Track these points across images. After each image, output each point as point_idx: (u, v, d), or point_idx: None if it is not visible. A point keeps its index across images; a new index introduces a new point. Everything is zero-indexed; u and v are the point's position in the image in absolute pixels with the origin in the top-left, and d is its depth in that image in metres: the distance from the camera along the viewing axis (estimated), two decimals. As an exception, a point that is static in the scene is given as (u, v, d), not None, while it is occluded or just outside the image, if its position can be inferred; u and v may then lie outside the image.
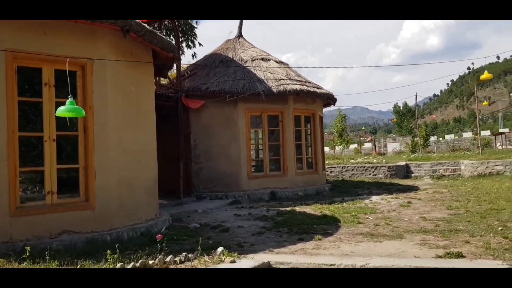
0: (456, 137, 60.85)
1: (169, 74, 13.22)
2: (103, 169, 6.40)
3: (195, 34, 20.40)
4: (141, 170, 7.34)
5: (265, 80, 12.76)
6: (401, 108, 73.15)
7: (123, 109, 6.94)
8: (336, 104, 15.70)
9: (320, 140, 14.70)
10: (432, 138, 51.21)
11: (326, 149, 57.46)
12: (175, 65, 12.20)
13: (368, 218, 8.25)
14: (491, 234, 6.14)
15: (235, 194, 12.19)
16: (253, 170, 12.93)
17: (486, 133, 55.48)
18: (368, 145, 57.77)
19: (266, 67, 13.50)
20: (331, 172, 19.31)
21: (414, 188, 14.50)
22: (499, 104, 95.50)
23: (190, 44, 20.91)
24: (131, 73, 7.21)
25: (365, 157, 33.70)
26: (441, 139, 59.41)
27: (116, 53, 6.76)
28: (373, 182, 17.07)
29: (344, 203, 10.87)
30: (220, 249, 5.27)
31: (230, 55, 13.89)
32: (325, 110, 16.21)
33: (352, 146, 58.53)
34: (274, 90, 12.45)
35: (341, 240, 6.29)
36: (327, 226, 7.45)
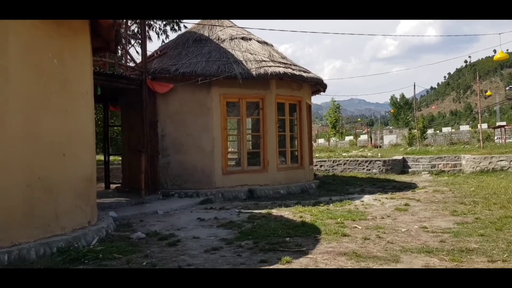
0: (453, 130, 59.60)
1: (134, 54, 11.61)
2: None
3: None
4: (67, 167, 5.73)
5: (243, 62, 11.12)
6: (398, 100, 71.91)
7: (38, 87, 5.31)
8: (333, 95, 14.14)
9: (308, 131, 13.12)
10: (429, 131, 49.79)
11: (321, 140, 56.26)
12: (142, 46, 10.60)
13: (356, 227, 6.69)
14: (517, 258, 4.60)
15: (208, 191, 10.62)
16: (228, 164, 11.34)
17: (483, 126, 54.12)
18: (364, 137, 56.35)
19: (247, 47, 11.86)
20: (321, 166, 17.75)
21: (411, 186, 12.97)
22: (497, 97, 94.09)
23: (176, 27, 19.31)
24: (54, 43, 5.58)
25: (360, 150, 32.18)
26: (438, 131, 58.08)
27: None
28: (366, 178, 15.54)
29: (331, 204, 9.33)
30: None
31: (206, 34, 12.23)
32: (321, 101, 14.71)
33: (348, 138, 57.15)
34: (254, 72, 10.82)
35: (316, 263, 4.73)
36: (303, 239, 5.89)
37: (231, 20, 13.27)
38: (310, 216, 7.77)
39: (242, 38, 12.21)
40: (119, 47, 10.03)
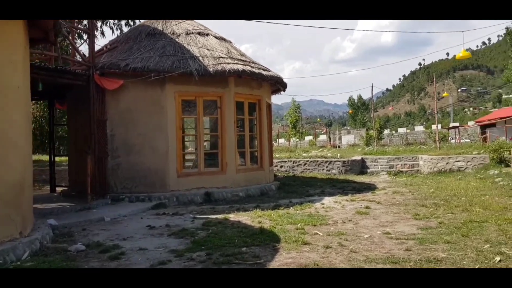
0: (409, 131, 61.19)
1: (81, 48, 10.79)
2: None
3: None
4: (-9, 171, 4.99)
5: (200, 58, 10.55)
6: (355, 101, 73.13)
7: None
8: (293, 95, 13.84)
9: (268, 131, 12.70)
10: (386, 131, 50.75)
11: (281, 140, 56.20)
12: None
13: (317, 233, 6.30)
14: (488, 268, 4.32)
15: (161, 195, 9.98)
16: (184, 166, 10.72)
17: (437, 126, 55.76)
18: (323, 137, 56.76)
19: (203, 43, 11.29)
20: (281, 167, 17.40)
21: (371, 187, 12.82)
22: (450, 99, 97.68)
23: (131, 22, 18.43)
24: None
25: (320, 150, 32.19)
26: (393, 132, 59.46)
27: None
28: (326, 179, 15.31)
29: (291, 207, 8.95)
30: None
31: (160, 27, 11.55)
32: (282, 101, 14.34)
33: (308, 138, 57.44)
34: (211, 69, 10.27)
35: (275, 278, 4.26)
36: (261, 249, 5.42)
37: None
38: (270, 221, 7.32)
39: (199, 33, 11.63)
40: (64, 40, 9.21)
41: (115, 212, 8.62)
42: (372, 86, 29.04)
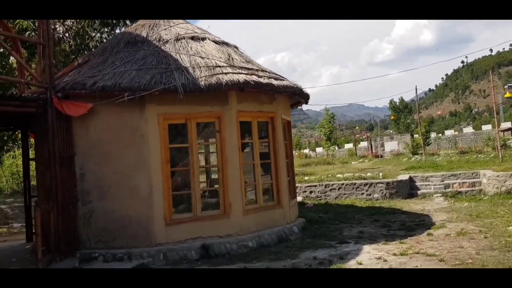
0: (457, 133, 56.72)
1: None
2: None
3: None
4: None
5: (190, 68, 8.12)
6: (397, 103, 69.21)
7: None
8: (332, 102, 11.20)
9: (287, 155, 10.09)
10: (432, 135, 46.64)
11: (319, 149, 53.04)
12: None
13: None
14: None
15: (144, 252, 7.58)
16: (174, 210, 8.25)
17: (487, 127, 50.84)
18: (364, 144, 53.26)
19: (196, 49, 8.87)
20: (310, 193, 14.63)
21: (425, 222, 9.90)
22: (499, 96, 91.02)
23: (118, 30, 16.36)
24: None
25: (360, 161, 29.17)
26: (440, 135, 55.18)
27: None
28: (366, 208, 12.45)
29: (313, 264, 6.35)
30: None
31: (143, 34, 9.23)
32: (320, 107, 11.64)
33: (347, 146, 54.02)
34: (201, 83, 7.80)
35: None
36: None
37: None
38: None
39: (192, 38, 9.23)
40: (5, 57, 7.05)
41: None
42: (416, 88, 25.86)
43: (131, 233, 7.85)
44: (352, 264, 6.64)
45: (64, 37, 17.56)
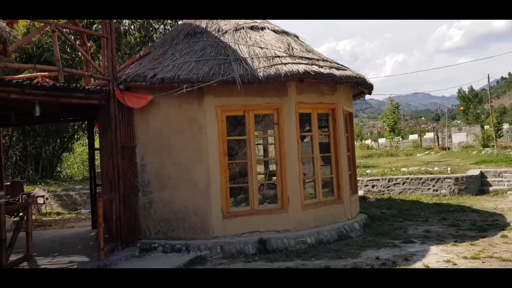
0: (533, 124, 52.61)
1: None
2: None
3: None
4: None
5: (248, 59, 7.95)
6: (466, 92, 65.43)
7: None
8: (396, 91, 10.70)
9: (348, 148, 9.69)
10: (504, 126, 43.51)
11: (382, 140, 51.29)
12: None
13: None
14: None
15: (201, 244, 7.59)
16: (231, 203, 8.18)
17: None
18: (430, 135, 50.75)
19: (256, 39, 8.68)
20: (373, 187, 14.06)
21: (498, 222, 9.15)
22: None
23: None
24: None
25: (426, 153, 27.78)
26: (514, 126, 51.29)
27: None
28: (433, 205, 11.74)
29: (375, 264, 6.01)
30: None
31: (203, 25, 9.18)
32: (384, 96, 11.19)
33: (412, 137, 51.76)
34: (260, 74, 7.61)
35: None
36: None
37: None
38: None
39: (251, 28, 9.05)
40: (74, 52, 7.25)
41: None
42: (488, 77, 24.13)
43: (189, 224, 7.89)
44: (418, 266, 6.22)
45: (130, 30, 18.13)
